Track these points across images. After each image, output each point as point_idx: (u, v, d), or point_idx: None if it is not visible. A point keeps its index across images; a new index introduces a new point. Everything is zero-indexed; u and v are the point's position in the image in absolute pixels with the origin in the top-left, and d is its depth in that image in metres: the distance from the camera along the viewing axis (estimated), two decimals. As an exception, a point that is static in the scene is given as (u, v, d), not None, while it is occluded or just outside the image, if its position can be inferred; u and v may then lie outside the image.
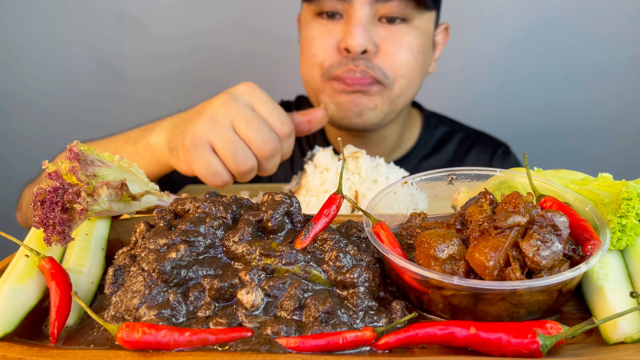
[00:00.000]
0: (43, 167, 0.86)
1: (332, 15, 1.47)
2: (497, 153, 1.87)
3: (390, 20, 1.45)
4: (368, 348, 0.67)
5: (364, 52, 1.43)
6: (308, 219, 0.83)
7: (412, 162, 1.80)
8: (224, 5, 2.38)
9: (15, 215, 1.62)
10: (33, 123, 2.53)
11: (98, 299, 0.80)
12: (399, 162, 1.76)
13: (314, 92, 1.58)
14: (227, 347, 0.66)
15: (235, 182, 1.28)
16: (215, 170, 1.19)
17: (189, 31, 2.42)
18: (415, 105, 1.90)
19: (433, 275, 0.69)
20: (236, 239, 0.77)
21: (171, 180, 1.69)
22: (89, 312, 0.66)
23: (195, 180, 1.81)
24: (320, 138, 1.84)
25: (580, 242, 0.74)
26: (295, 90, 2.03)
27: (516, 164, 1.91)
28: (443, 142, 1.87)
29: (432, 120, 1.89)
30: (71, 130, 2.52)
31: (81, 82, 2.49)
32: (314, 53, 1.50)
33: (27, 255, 0.78)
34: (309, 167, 1.37)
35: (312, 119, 1.39)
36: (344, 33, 1.43)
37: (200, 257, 0.76)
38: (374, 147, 1.73)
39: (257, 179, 1.82)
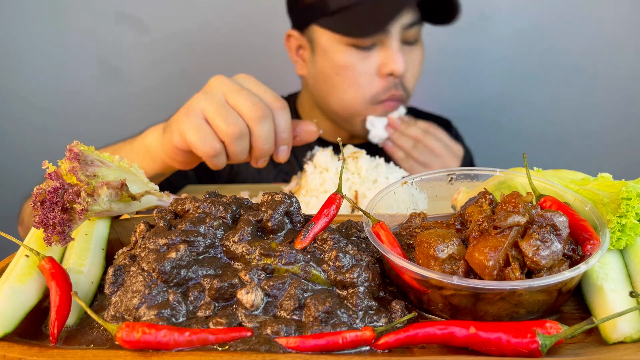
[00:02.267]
0: (43, 167, 0.86)
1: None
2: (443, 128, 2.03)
3: (409, 43, 1.65)
4: (368, 348, 0.67)
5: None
6: (308, 219, 0.83)
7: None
8: (224, 4, 2.38)
9: (14, 216, 1.62)
10: (33, 123, 2.53)
11: (98, 299, 0.80)
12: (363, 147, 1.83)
13: (349, 115, 1.71)
14: (227, 347, 0.66)
15: (229, 163, 1.26)
16: (205, 136, 1.19)
17: (189, 31, 2.42)
18: None
19: (433, 275, 0.69)
20: (236, 239, 0.77)
21: (171, 181, 1.70)
22: (89, 312, 0.66)
23: (195, 180, 1.82)
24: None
25: (579, 241, 0.74)
26: (296, 87, 2.04)
27: (457, 136, 2.06)
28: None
29: None
30: (71, 130, 2.52)
31: (81, 82, 2.49)
32: (358, 83, 1.62)
33: (27, 255, 0.78)
34: (308, 167, 1.37)
35: (299, 129, 1.35)
36: (383, 59, 1.59)
37: (200, 257, 0.76)
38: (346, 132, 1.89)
39: (256, 179, 1.83)
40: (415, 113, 2.05)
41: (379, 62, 1.61)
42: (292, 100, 2.00)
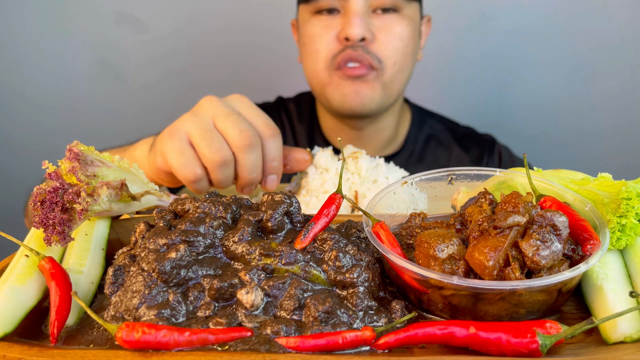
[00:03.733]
0: (43, 167, 0.86)
1: (330, 11, 1.56)
2: (485, 148, 1.93)
3: (384, 10, 1.55)
4: (368, 348, 0.67)
5: (362, 39, 1.51)
6: (308, 219, 0.83)
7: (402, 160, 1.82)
8: (224, 5, 2.38)
9: (13, 216, 1.63)
10: (33, 123, 2.54)
11: (98, 299, 0.80)
12: (391, 158, 1.78)
13: (319, 87, 1.64)
14: (226, 347, 0.66)
15: (212, 186, 1.22)
16: (186, 160, 1.14)
17: (189, 31, 2.42)
18: (406, 101, 1.95)
19: (433, 275, 0.69)
20: (236, 239, 0.77)
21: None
22: (89, 312, 0.66)
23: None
24: (319, 137, 1.85)
25: (579, 241, 0.74)
26: (296, 88, 2.03)
27: (510, 156, 1.95)
28: (430, 141, 1.90)
29: (420, 114, 1.95)
30: (71, 130, 2.52)
31: (81, 82, 2.49)
32: (316, 48, 1.57)
33: (27, 255, 0.78)
34: (309, 167, 1.37)
35: (290, 157, 1.29)
36: (342, 25, 1.52)
37: (200, 257, 0.76)
38: (371, 140, 1.79)
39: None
40: (452, 127, 1.96)
41: (339, 29, 1.53)
42: (306, 98, 1.93)
